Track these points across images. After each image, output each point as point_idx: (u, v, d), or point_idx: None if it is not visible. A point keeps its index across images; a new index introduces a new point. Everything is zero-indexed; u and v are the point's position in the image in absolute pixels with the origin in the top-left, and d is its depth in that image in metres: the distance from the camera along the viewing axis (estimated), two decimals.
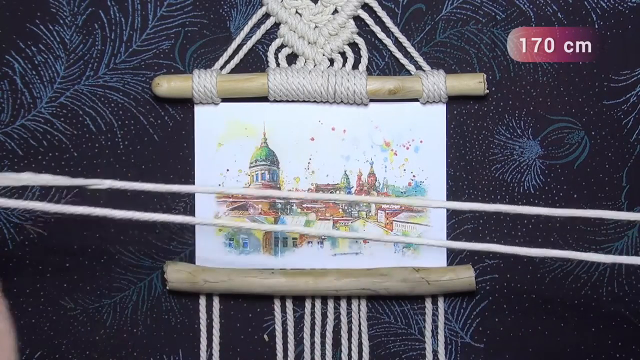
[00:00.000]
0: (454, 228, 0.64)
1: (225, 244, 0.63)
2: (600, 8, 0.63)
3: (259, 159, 0.63)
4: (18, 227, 0.63)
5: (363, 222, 0.64)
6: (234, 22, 0.63)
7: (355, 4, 0.63)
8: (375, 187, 0.63)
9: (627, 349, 0.64)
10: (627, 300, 0.64)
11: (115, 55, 0.63)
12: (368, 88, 0.62)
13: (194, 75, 0.62)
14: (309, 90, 0.62)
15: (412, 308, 0.65)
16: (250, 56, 0.64)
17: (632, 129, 0.64)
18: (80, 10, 0.62)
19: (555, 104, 0.63)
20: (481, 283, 0.64)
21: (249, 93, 0.62)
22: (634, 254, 0.64)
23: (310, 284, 0.62)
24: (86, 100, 0.63)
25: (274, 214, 0.64)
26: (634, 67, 0.63)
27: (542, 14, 0.63)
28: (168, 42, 0.63)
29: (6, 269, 0.63)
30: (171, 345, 0.64)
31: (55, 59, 0.62)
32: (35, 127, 0.63)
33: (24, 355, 0.63)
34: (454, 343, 0.65)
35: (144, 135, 0.63)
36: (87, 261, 0.63)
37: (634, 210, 0.64)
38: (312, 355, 0.64)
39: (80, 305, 0.63)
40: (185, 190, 0.59)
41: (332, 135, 0.63)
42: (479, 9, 0.63)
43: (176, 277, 0.62)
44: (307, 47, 0.63)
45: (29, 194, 0.62)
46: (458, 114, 0.64)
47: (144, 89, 0.63)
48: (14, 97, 0.62)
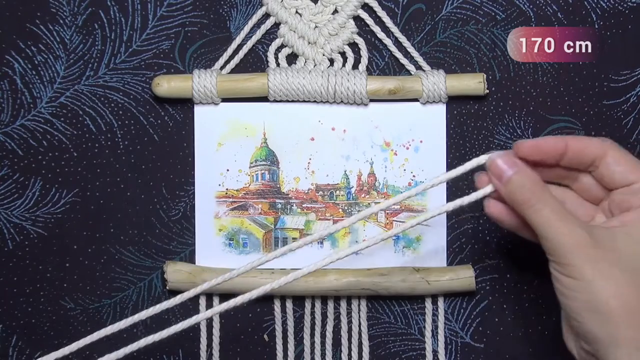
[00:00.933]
0: (454, 228, 0.64)
1: (225, 244, 0.63)
2: (600, 8, 0.63)
3: (259, 159, 0.63)
4: (18, 227, 0.63)
5: (363, 222, 0.64)
6: (234, 22, 0.63)
7: (355, 4, 0.63)
8: (375, 187, 0.63)
9: None
10: None
11: (115, 55, 0.63)
12: (368, 88, 0.62)
13: (194, 75, 0.62)
14: (309, 90, 0.62)
15: (412, 308, 0.65)
16: (250, 56, 0.64)
17: (632, 129, 0.64)
18: (80, 10, 0.62)
19: (555, 104, 0.64)
20: (481, 283, 0.64)
21: (249, 93, 0.62)
22: None
23: (310, 284, 0.62)
24: (86, 100, 0.63)
25: (274, 214, 0.64)
26: (634, 67, 0.63)
27: (542, 14, 0.63)
28: (168, 42, 0.63)
29: (6, 269, 0.63)
30: (171, 345, 0.64)
31: (55, 59, 0.62)
32: (35, 127, 0.63)
33: (24, 355, 0.63)
34: (454, 343, 0.65)
35: (144, 135, 0.63)
36: (87, 261, 0.63)
37: None
38: (312, 355, 0.64)
39: (80, 305, 0.63)
40: None
41: (332, 135, 0.63)
42: (479, 9, 0.63)
43: (176, 277, 0.62)
44: (307, 47, 0.63)
45: (29, 193, 0.62)
46: (458, 114, 0.64)
47: (144, 89, 0.63)
48: (14, 97, 0.62)
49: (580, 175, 0.53)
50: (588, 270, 0.47)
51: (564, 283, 0.48)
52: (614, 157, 0.51)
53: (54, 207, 0.63)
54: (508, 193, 0.51)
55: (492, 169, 0.51)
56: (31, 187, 0.63)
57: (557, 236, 0.48)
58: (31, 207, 0.63)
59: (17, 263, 0.63)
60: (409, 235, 0.64)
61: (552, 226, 0.48)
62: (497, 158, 0.51)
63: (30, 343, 0.63)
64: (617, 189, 0.51)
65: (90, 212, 0.63)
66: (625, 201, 0.51)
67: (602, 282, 0.47)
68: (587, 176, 0.53)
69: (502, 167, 0.51)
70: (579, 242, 0.48)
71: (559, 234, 0.48)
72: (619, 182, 0.51)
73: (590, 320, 0.47)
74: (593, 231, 0.48)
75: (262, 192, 0.63)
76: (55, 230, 0.63)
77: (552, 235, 0.48)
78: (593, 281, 0.47)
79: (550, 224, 0.48)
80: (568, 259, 0.48)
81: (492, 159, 0.51)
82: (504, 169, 0.51)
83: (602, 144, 0.51)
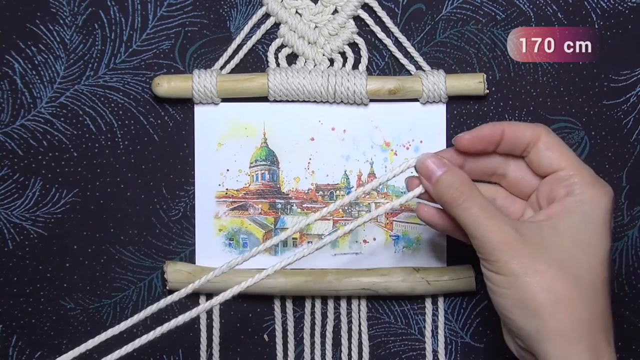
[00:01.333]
0: None
1: (225, 244, 0.63)
2: (600, 8, 0.63)
3: (259, 159, 0.63)
4: (18, 227, 0.63)
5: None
6: (234, 22, 0.63)
7: (355, 4, 0.63)
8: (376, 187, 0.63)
9: (627, 349, 0.64)
10: (627, 300, 0.64)
11: (115, 55, 0.63)
12: (368, 88, 0.62)
13: (194, 75, 0.62)
14: (309, 90, 0.62)
15: (412, 308, 0.65)
16: (250, 56, 0.64)
17: (632, 129, 0.64)
18: (80, 10, 0.62)
19: (555, 104, 0.63)
20: (481, 283, 0.64)
21: (249, 93, 0.62)
22: (633, 254, 0.64)
23: (310, 284, 0.62)
24: (86, 100, 0.63)
25: (274, 214, 0.64)
26: (634, 67, 0.63)
27: (542, 14, 0.63)
28: (168, 42, 0.63)
29: (6, 269, 0.63)
30: (171, 345, 0.64)
31: (55, 59, 0.62)
32: (35, 127, 0.63)
33: (24, 355, 0.63)
34: (454, 343, 0.65)
35: (144, 135, 0.63)
36: (87, 261, 0.63)
37: (633, 210, 0.64)
38: (312, 355, 0.64)
39: (80, 305, 0.63)
40: None
41: (332, 135, 0.63)
42: (479, 9, 0.63)
43: (176, 277, 0.62)
44: (307, 47, 0.63)
45: (29, 193, 0.62)
46: (458, 114, 0.64)
47: (144, 89, 0.63)
48: (14, 97, 0.62)
49: (509, 170, 0.54)
50: (516, 266, 0.48)
51: (493, 281, 0.49)
52: (546, 143, 0.52)
53: (54, 207, 0.63)
54: (437, 193, 0.51)
55: (421, 170, 0.52)
56: (31, 187, 0.63)
57: (485, 234, 0.49)
58: (31, 207, 0.63)
59: (17, 263, 0.63)
60: (409, 235, 0.64)
61: (480, 224, 0.49)
62: (426, 159, 0.52)
63: (30, 343, 0.63)
64: (546, 176, 0.52)
65: (90, 212, 0.63)
66: (551, 191, 0.51)
67: (529, 277, 0.48)
68: (516, 170, 0.54)
69: (431, 168, 0.52)
70: (507, 239, 0.48)
71: (487, 231, 0.49)
72: (547, 168, 0.52)
73: (520, 316, 0.48)
74: (520, 227, 0.49)
75: (262, 192, 0.63)
76: (55, 230, 0.63)
77: (481, 233, 0.49)
78: (521, 277, 0.48)
79: (478, 222, 0.49)
80: (496, 255, 0.48)
81: (421, 161, 0.52)
82: (433, 169, 0.51)
83: (535, 128, 0.52)
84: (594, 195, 0.50)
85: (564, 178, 0.51)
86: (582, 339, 0.47)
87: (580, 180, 0.50)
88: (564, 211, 0.50)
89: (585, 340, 0.47)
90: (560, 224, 0.49)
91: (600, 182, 0.50)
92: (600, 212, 0.49)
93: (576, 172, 0.50)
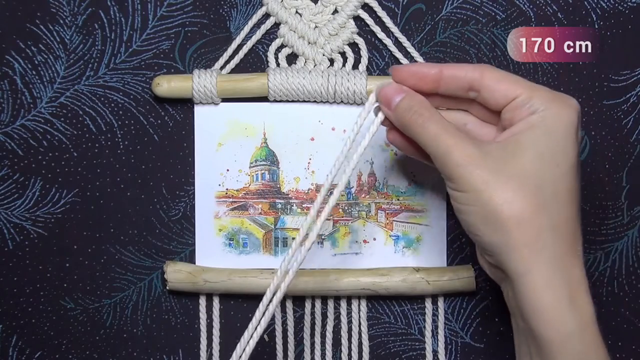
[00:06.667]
0: (454, 228, 0.64)
1: (225, 244, 0.63)
2: (600, 8, 0.63)
3: (259, 159, 0.63)
4: (18, 227, 0.63)
5: (363, 222, 0.64)
6: (234, 22, 0.63)
7: (355, 4, 0.63)
8: (376, 187, 0.63)
9: (627, 349, 0.64)
10: (627, 300, 0.64)
11: (115, 55, 0.63)
12: (368, 88, 0.62)
13: (194, 75, 0.62)
14: (309, 90, 0.62)
15: (412, 308, 0.65)
16: (250, 56, 0.64)
17: (632, 129, 0.64)
18: (80, 10, 0.62)
19: None
20: (481, 283, 0.64)
21: (249, 93, 0.62)
22: (633, 254, 0.64)
23: (310, 284, 0.62)
24: (86, 100, 0.63)
25: (274, 214, 0.64)
26: (634, 67, 0.63)
27: (542, 14, 0.63)
28: (168, 42, 0.63)
29: (6, 269, 0.63)
30: (171, 345, 0.64)
31: (55, 59, 0.62)
32: (35, 127, 0.63)
33: (24, 355, 0.63)
34: (454, 343, 0.65)
35: (144, 135, 0.63)
36: (87, 261, 0.63)
37: (633, 210, 0.64)
38: (312, 355, 0.64)
39: (80, 305, 0.63)
40: None
41: (332, 135, 0.63)
42: (479, 9, 0.63)
43: (176, 277, 0.62)
44: (307, 47, 0.63)
45: (29, 193, 0.63)
46: None
47: (144, 89, 0.63)
48: (14, 97, 0.62)
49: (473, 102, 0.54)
50: (478, 180, 0.48)
51: (458, 199, 0.49)
52: (493, 78, 0.51)
53: (54, 207, 0.63)
54: (397, 117, 0.52)
55: (381, 97, 0.53)
56: (31, 187, 0.63)
57: (446, 149, 0.49)
58: (31, 207, 0.63)
59: (17, 263, 0.63)
60: (409, 235, 0.64)
61: (440, 142, 0.49)
62: (385, 87, 0.53)
63: (30, 343, 0.63)
64: (503, 108, 0.52)
65: (90, 212, 0.63)
66: (513, 117, 0.51)
67: (492, 191, 0.48)
68: None
69: (390, 94, 0.52)
70: (468, 154, 0.48)
71: (448, 147, 0.49)
72: (503, 101, 0.51)
73: (486, 230, 0.48)
74: (483, 145, 0.49)
75: (262, 192, 0.63)
76: (55, 230, 0.63)
77: (442, 150, 0.49)
78: (483, 191, 0.48)
79: (438, 139, 0.49)
80: (458, 172, 0.49)
81: (380, 88, 0.53)
82: (392, 95, 0.52)
83: (476, 66, 0.52)
84: (556, 108, 0.49)
85: (523, 103, 0.50)
86: (546, 249, 0.47)
87: (540, 99, 0.50)
88: (527, 126, 0.49)
89: (548, 250, 0.47)
90: (522, 138, 0.49)
91: (563, 97, 0.50)
92: (563, 124, 0.49)
93: (534, 94, 0.50)
